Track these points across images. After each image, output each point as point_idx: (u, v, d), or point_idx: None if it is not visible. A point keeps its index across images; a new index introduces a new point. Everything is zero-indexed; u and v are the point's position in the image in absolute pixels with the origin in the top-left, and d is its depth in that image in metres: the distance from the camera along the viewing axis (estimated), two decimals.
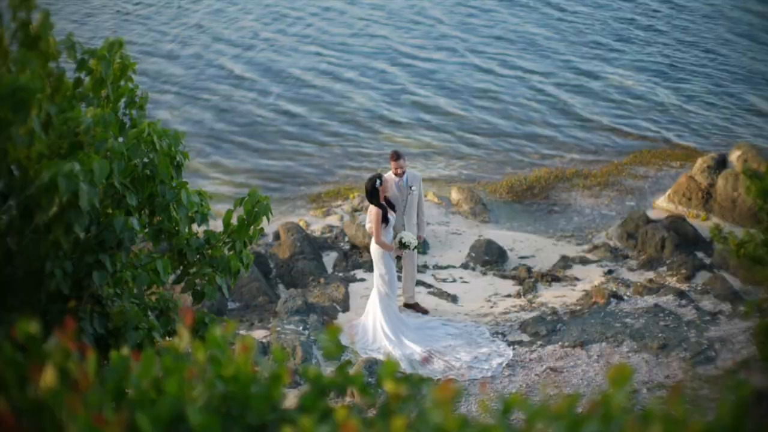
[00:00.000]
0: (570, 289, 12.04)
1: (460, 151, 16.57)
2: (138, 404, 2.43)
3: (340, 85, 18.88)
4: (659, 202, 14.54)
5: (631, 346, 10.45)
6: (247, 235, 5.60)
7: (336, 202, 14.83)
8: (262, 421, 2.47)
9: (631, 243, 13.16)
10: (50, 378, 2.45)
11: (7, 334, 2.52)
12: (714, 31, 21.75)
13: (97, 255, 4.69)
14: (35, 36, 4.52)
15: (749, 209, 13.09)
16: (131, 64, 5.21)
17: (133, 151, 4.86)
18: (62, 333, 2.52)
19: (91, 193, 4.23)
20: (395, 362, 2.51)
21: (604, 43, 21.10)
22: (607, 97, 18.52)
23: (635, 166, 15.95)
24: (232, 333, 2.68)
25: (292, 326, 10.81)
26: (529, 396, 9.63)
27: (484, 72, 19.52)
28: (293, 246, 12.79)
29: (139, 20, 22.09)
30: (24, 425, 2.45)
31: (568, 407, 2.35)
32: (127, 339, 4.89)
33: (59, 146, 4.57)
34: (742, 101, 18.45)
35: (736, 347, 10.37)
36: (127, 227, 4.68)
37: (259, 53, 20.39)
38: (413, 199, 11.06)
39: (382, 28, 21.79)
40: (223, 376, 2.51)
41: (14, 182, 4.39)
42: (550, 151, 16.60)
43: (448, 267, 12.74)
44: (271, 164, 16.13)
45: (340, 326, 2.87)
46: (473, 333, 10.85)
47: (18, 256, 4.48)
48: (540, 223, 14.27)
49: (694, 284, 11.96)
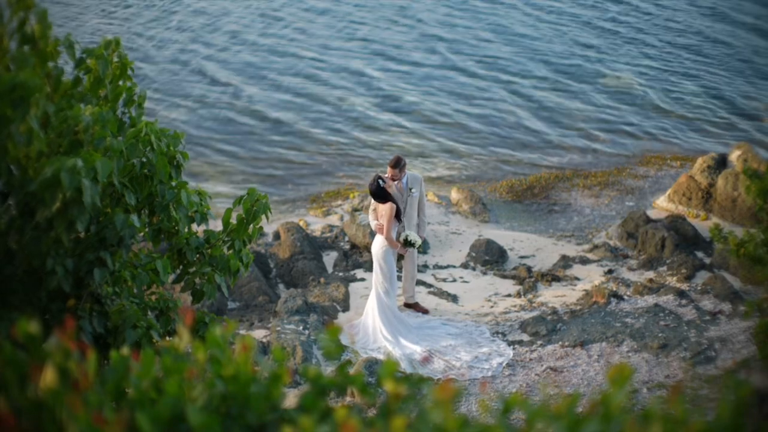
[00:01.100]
0: (570, 289, 12.04)
1: (460, 151, 16.57)
2: (138, 404, 2.43)
3: (341, 86, 18.87)
4: (659, 202, 14.54)
5: (631, 345, 10.45)
6: (246, 234, 5.60)
7: (336, 202, 14.83)
8: (261, 421, 2.47)
9: (631, 243, 13.16)
10: (50, 377, 2.44)
11: (7, 333, 2.53)
12: (714, 30, 21.74)
13: (98, 252, 4.69)
14: (34, 35, 4.52)
15: (749, 209, 13.09)
16: (129, 62, 5.21)
17: (131, 150, 4.86)
18: (62, 332, 2.52)
19: (93, 190, 4.23)
20: (395, 362, 2.50)
21: (603, 44, 21.10)
22: (607, 98, 18.52)
23: (635, 165, 15.95)
24: (232, 333, 2.68)
25: (292, 326, 10.81)
26: (530, 396, 9.63)
27: (485, 72, 19.51)
28: (293, 246, 12.79)
29: (137, 21, 22.09)
30: (24, 425, 2.45)
31: (568, 407, 2.35)
32: (125, 338, 4.89)
33: (58, 144, 4.57)
34: (742, 101, 18.44)
35: (736, 347, 10.37)
36: (128, 224, 4.68)
37: (259, 53, 20.39)
38: (413, 200, 11.04)
39: (382, 30, 21.79)
40: (223, 375, 2.51)
41: (13, 181, 4.39)
42: (550, 151, 16.60)
43: (449, 267, 12.74)
44: (271, 164, 16.13)
45: (340, 326, 2.87)
46: (473, 333, 10.85)
47: (18, 253, 4.48)
48: (540, 222, 14.27)
49: (694, 284, 11.96)
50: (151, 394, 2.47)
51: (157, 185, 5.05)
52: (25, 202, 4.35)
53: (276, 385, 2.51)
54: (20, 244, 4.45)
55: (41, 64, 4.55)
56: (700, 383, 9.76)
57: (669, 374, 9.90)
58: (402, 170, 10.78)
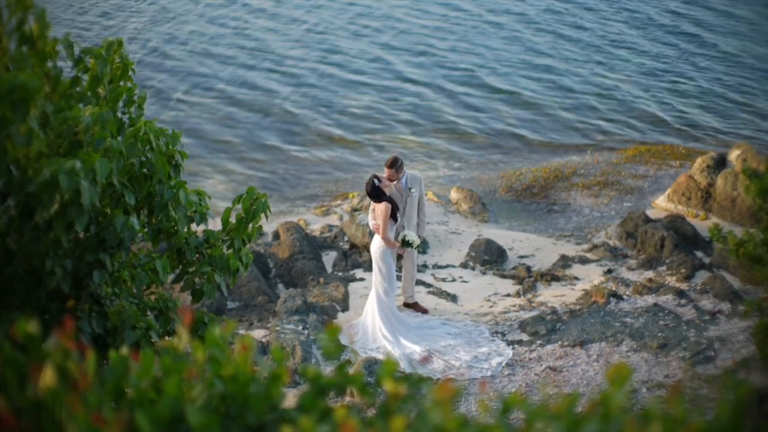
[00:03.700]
0: (569, 289, 12.04)
1: (459, 150, 16.57)
2: (137, 404, 2.43)
3: (341, 85, 18.88)
4: (658, 202, 14.54)
5: (631, 345, 10.44)
6: (245, 233, 5.59)
7: (335, 202, 14.83)
8: (261, 421, 2.47)
9: (630, 242, 13.16)
10: (50, 378, 2.44)
11: (7, 333, 2.52)
12: (713, 30, 21.75)
13: (98, 254, 4.69)
14: (33, 35, 4.51)
15: (748, 209, 13.09)
16: (130, 63, 5.21)
17: (130, 149, 4.85)
18: (61, 333, 2.52)
19: (92, 192, 4.23)
20: (394, 362, 2.50)
21: (602, 43, 21.11)
22: (607, 97, 18.53)
23: (634, 165, 15.95)
24: (232, 333, 2.68)
25: (291, 326, 10.81)
26: (529, 395, 9.63)
27: (484, 72, 19.51)
28: (293, 245, 12.79)
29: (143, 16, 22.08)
30: (24, 425, 2.45)
31: (568, 407, 2.35)
32: (124, 338, 4.89)
33: (58, 145, 4.56)
34: (741, 100, 18.45)
35: (735, 347, 10.37)
36: (128, 227, 4.68)
37: (259, 53, 20.38)
38: (413, 200, 11.04)
39: (383, 28, 21.79)
40: (223, 375, 2.51)
41: (13, 181, 4.39)
42: (549, 150, 16.60)
43: (448, 266, 12.74)
44: (270, 163, 16.13)
45: (340, 326, 2.87)
46: (473, 332, 10.85)
47: (18, 254, 4.48)
48: (539, 222, 14.27)
49: (694, 284, 11.96)
50: (150, 394, 2.47)
51: (156, 185, 5.05)
52: (25, 203, 4.34)
53: (275, 385, 2.51)
54: (19, 244, 4.45)
55: (40, 63, 4.55)
56: (700, 383, 9.76)
57: (668, 374, 9.90)
58: (399, 170, 10.76)
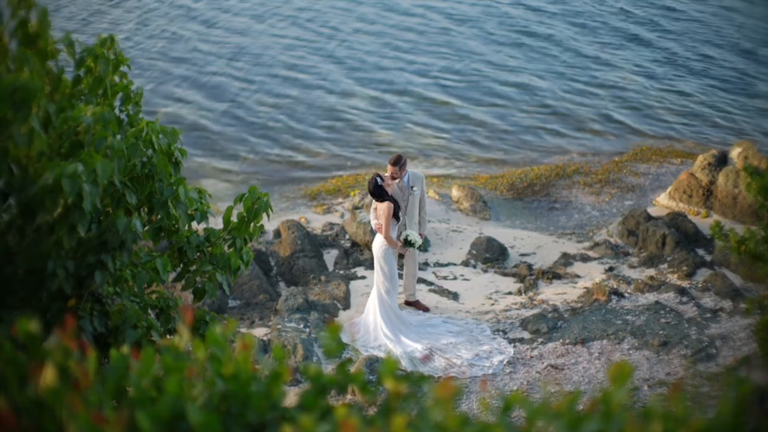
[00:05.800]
0: (571, 287, 12.04)
1: (460, 148, 16.57)
2: (138, 403, 2.43)
3: (342, 83, 18.87)
4: (660, 199, 14.54)
5: (632, 343, 10.44)
6: (247, 232, 5.59)
7: (336, 200, 14.83)
8: (262, 420, 2.47)
9: (631, 240, 13.16)
10: (50, 377, 2.44)
11: (8, 332, 2.53)
12: (714, 28, 21.72)
13: (100, 255, 4.68)
14: (34, 34, 4.51)
15: (750, 206, 13.09)
16: (125, 59, 5.18)
17: (132, 150, 4.85)
18: (62, 332, 2.52)
19: (94, 194, 4.22)
20: (396, 360, 2.50)
21: (604, 41, 21.09)
22: (608, 95, 18.51)
23: (636, 163, 15.94)
24: (233, 331, 2.68)
25: (292, 324, 10.81)
26: (530, 393, 9.63)
27: (485, 70, 19.51)
28: (294, 244, 12.79)
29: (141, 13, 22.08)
30: (24, 424, 2.45)
31: (569, 405, 2.35)
32: (125, 337, 4.88)
33: (59, 145, 4.56)
34: (742, 98, 18.43)
35: (737, 344, 10.37)
36: (130, 228, 4.67)
37: (260, 51, 20.38)
38: (414, 199, 11.04)
39: (387, 28, 21.78)
40: (224, 374, 2.51)
41: (14, 181, 4.38)
42: (550, 148, 16.60)
43: (449, 264, 12.74)
44: (271, 162, 16.13)
45: (341, 324, 2.86)
46: (474, 330, 10.85)
47: (19, 254, 4.47)
48: (541, 220, 14.27)
49: (695, 281, 11.96)
50: (151, 393, 2.47)
51: (157, 183, 5.04)
52: (26, 204, 4.34)
53: (276, 384, 2.51)
54: (20, 245, 4.44)
55: (41, 63, 4.55)
56: (701, 381, 9.76)
57: (670, 372, 9.90)
58: (402, 168, 10.76)
